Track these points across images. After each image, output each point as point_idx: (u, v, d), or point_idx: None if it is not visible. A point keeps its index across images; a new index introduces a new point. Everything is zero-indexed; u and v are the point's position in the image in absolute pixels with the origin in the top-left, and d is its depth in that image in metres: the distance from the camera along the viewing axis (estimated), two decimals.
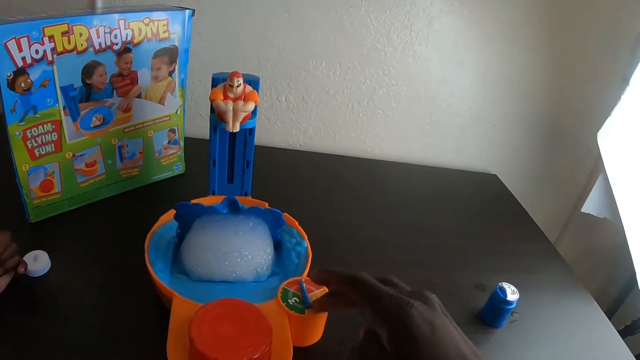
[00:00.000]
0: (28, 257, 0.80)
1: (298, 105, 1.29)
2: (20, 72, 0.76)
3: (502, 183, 1.39)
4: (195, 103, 1.23)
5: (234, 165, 0.91)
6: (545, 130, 1.40)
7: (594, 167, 1.43)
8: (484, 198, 1.31)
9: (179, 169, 1.13)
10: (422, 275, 0.96)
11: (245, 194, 0.94)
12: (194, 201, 0.89)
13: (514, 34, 1.23)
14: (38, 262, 0.80)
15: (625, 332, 1.16)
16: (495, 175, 1.43)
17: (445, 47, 1.23)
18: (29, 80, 0.78)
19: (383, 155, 1.39)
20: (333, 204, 1.15)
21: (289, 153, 1.34)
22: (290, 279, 0.76)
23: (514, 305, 0.84)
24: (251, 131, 0.87)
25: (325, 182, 1.24)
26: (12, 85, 0.76)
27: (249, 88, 0.82)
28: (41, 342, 0.70)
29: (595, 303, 0.99)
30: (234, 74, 0.79)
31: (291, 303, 0.71)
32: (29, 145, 0.83)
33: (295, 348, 0.69)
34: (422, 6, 1.18)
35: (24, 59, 0.76)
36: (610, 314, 1.49)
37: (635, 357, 0.88)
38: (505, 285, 0.85)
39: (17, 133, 0.80)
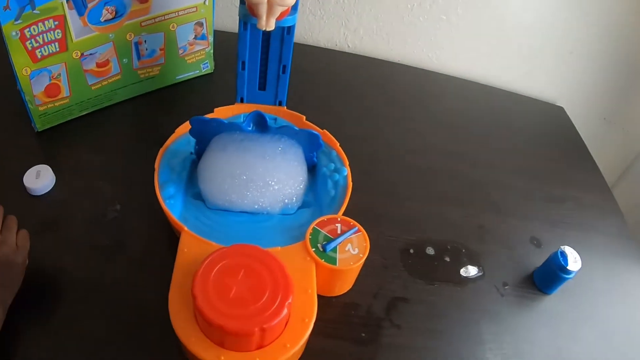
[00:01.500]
0: (30, 174, 0.74)
1: (349, 1, 1.12)
2: None
3: (569, 118, 1.24)
4: None
5: (267, 69, 0.78)
6: (626, 68, 1.22)
7: None
8: (549, 133, 1.16)
9: (207, 67, 1.01)
10: (475, 219, 0.86)
11: (280, 104, 0.82)
12: (216, 110, 0.78)
13: None
14: (41, 178, 0.75)
15: None
16: (562, 108, 1.27)
17: None
18: None
19: (442, 68, 1.24)
20: (380, 119, 1.03)
21: (335, 55, 1.20)
22: (324, 218, 0.65)
23: (572, 275, 0.73)
24: (289, 30, 0.72)
25: (374, 92, 1.11)
26: None
27: None
28: (43, 270, 0.65)
29: None
30: None
31: (321, 248, 0.61)
32: (29, 46, 0.73)
33: (319, 297, 0.60)
34: None
35: None
36: None
37: None
38: (568, 250, 0.73)
39: (14, 33, 0.70)
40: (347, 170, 0.74)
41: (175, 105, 0.94)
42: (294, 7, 0.68)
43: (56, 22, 0.75)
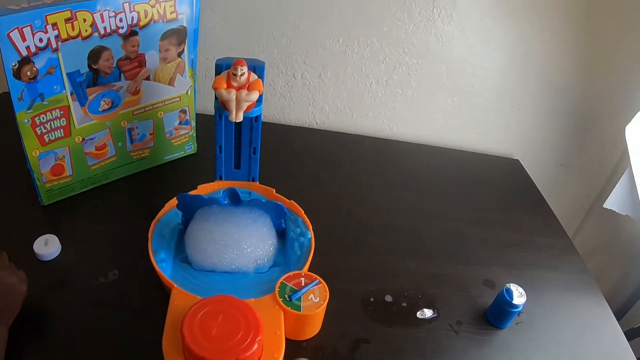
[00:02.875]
0: (39, 242, 0.86)
1: (314, 83, 1.29)
2: (25, 61, 0.79)
3: (524, 169, 1.37)
4: (209, 80, 1.22)
5: (240, 151, 0.93)
6: (573, 117, 1.36)
7: (620, 160, 1.39)
8: (504, 185, 1.30)
9: (190, 148, 1.16)
10: (431, 268, 0.97)
11: (253, 180, 0.97)
12: (200, 187, 0.92)
13: (544, 12, 1.19)
14: (48, 246, 0.86)
15: (632, 334, 1.16)
16: (518, 160, 1.41)
17: (470, 25, 1.20)
18: (34, 68, 0.80)
19: (402, 136, 1.39)
20: (346, 186, 1.17)
21: (305, 131, 1.35)
22: (290, 273, 0.78)
23: (519, 309, 0.84)
24: (257, 119, 0.88)
25: (340, 163, 1.25)
26: (17, 74, 0.79)
27: (253, 76, 0.82)
28: (52, 322, 0.76)
29: (608, 307, 0.97)
30: (238, 62, 0.79)
31: (288, 298, 0.74)
32: (38, 132, 0.87)
33: (291, 341, 0.74)
34: None
35: (28, 48, 0.78)
36: (620, 314, 1.48)
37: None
38: (513, 287, 0.84)
39: (26, 120, 0.84)
40: (310, 234, 0.88)
41: (164, 182, 1.07)
42: (259, 100, 0.84)
43: (61, 112, 0.88)
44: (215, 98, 0.84)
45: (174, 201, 0.89)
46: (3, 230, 0.90)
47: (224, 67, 0.83)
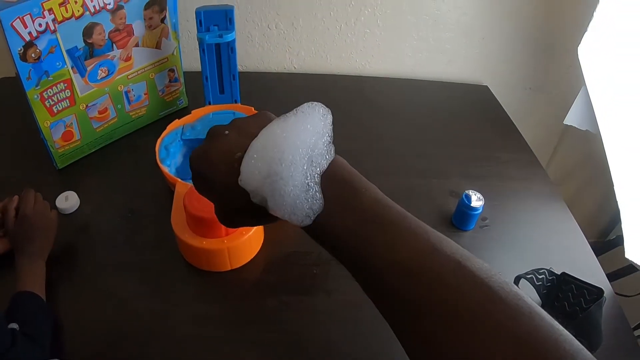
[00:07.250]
0: (60, 199, 1.05)
1: (288, 31, 1.48)
2: (29, 45, 0.97)
3: (493, 95, 1.53)
4: (192, 40, 1.42)
5: (222, 78, 1.19)
6: (535, 41, 1.52)
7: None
8: (474, 110, 1.46)
9: (182, 102, 1.37)
10: (402, 183, 1.15)
11: (235, 102, 1.22)
12: (193, 111, 1.19)
13: None
14: (69, 201, 1.05)
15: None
16: (487, 86, 1.57)
17: None
18: (37, 50, 0.98)
19: (374, 72, 1.58)
20: None
21: (283, 76, 1.55)
22: None
23: (479, 211, 1.00)
24: (232, 50, 1.14)
25: (318, 100, 1.44)
26: (24, 57, 0.97)
27: None
28: (79, 260, 0.98)
29: (570, 212, 1.12)
30: None
31: None
32: (47, 105, 1.05)
33: None
34: None
35: (30, 33, 0.96)
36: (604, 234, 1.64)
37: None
38: (471, 192, 1.00)
39: (35, 96, 1.02)
40: None
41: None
42: (231, 28, 1.09)
43: (65, 84, 1.06)
44: (198, 31, 1.10)
45: (174, 124, 1.13)
46: None
47: (202, 14, 1.09)
